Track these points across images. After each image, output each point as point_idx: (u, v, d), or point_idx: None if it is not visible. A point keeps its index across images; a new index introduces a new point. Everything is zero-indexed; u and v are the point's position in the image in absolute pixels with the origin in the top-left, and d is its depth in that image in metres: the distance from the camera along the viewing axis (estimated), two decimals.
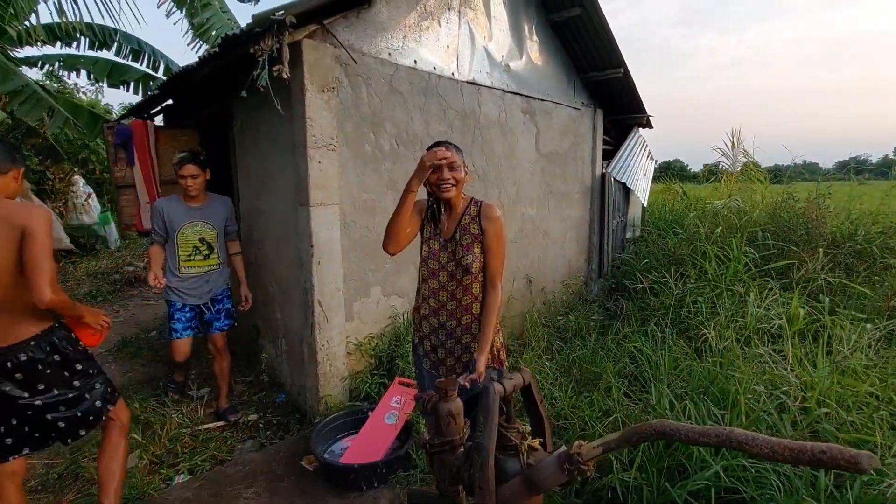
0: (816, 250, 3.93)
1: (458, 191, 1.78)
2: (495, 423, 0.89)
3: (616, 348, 3.31)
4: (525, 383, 0.98)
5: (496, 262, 1.80)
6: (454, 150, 1.74)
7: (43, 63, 5.21)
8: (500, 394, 0.91)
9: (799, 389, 2.16)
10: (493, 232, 1.78)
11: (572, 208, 5.15)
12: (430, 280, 1.86)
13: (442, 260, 1.82)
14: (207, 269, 2.91)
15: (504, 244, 1.82)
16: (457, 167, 1.74)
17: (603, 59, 4.71)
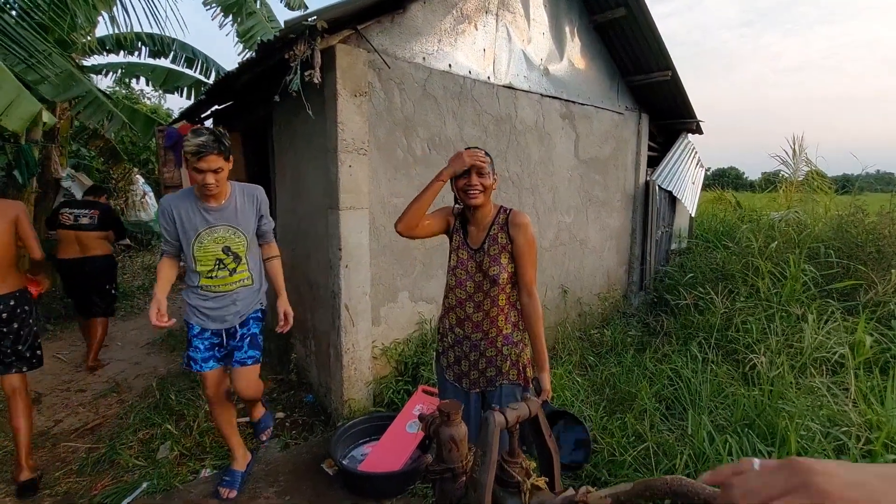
0: (889, 271, 3.53)
1: (486, 198, 1.73)
2: (494, 458, 0.81)
3: (654, 368, 3.11)
4: (532, 414, 0.89)
5: (529, 269, 1.73)
6: (483, 152, 1.72)
7: (107, 71, 5.62)
8: (501, 425, 0.83)
9: (863, 429, 1.92)
10: (523, 239, 1.71)
11: (612, 217, 4.94)
12: (457, 289, 1.81)
13: (470, 270, 1.77)
14: (237, 286, 2.19)
15: (535, 251, 1.75)
16: (486, 174, 1.70)
17: (649, 62, 4.49)
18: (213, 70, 5.95)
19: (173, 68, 5.68)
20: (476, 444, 0.84)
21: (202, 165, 1.91)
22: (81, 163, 7.09)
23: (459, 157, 1.67)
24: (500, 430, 0.82)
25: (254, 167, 4.24)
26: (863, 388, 2.28)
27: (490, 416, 0.82)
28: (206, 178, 1.94)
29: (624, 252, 5.23)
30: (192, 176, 1.94)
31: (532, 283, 1.73)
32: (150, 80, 5.51)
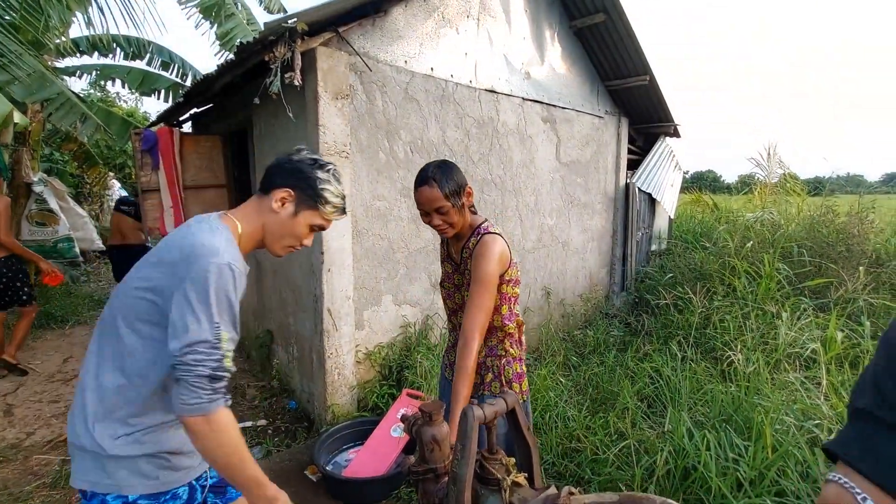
0: (857, 268, 3.66)
1: (457, 229, 1.57)
2: (473, 451, 0.81)
3: (635, 367, 3.15)
4: (509, 407, 0.90)
5: (471, 309, 1.43)
6: (438, 185, 1.46)
7: (81, 73, 5.48)
8: (479, 419, 0.84)
9: (834, 422, 1.98)
10: (476, 275, 1.46)
11: (594, 219, 5.01)
12: (448, 301, 1.80)
13: (456, 282, 1.74)
14: None
15: (486, 289, 1.45)
16: (445, 210, 1.48)
17: (628, 67, 4.58)
18: (189, 74, 5.85)
19: (150, 71, 5.57)
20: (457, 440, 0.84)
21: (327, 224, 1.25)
22: (54, 167, 6.89)
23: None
24: (478, 423, 0.82)
25: (234, 171, 4.18)
26: (834, 383, 2.35)
27: (469, 409, 0.83)
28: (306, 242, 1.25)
29: (605, 253, 5.31)
30: (301, 230, 1.19)
31: (470, 328, 1.42)
32: (126, 82, 5.39)
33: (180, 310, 0.97)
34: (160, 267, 1.04)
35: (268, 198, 1.16)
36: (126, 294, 1.05)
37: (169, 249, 1.05)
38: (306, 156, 1.19)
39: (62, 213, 5.51)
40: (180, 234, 1.07)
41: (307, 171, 1.16)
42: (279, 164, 1.18)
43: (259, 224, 1.16)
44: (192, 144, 3.94)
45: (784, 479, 1.78)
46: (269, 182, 1.17)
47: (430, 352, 3.12)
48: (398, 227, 3.12)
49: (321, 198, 1.17)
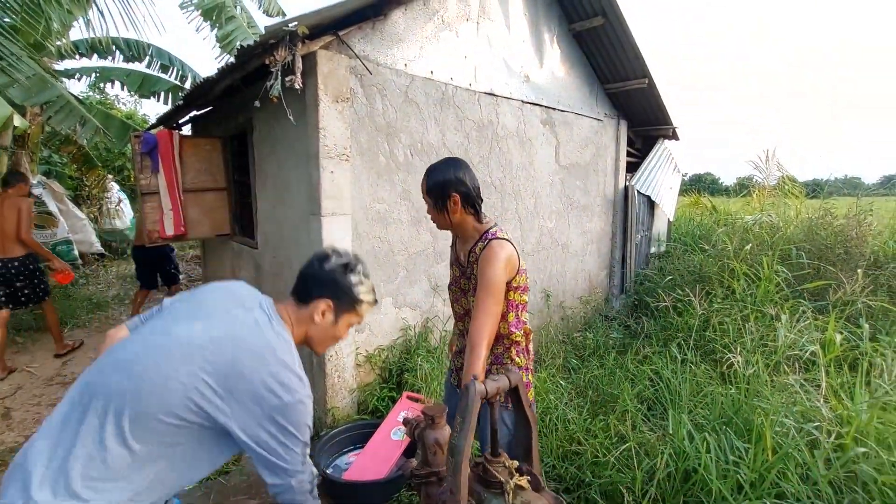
0: (856, 271, 3.67)
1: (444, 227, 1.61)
2: (473, 425, 0.82)
3: (635, 369, 3.16)
4: (512, 385, 0.90)
5: (479, 316, 1.42)
6: (424, 179, 1.57)
7: (81, 75, 5.48)
8: (481, 395, 0.84)
9: (834, 424, 1.98)
10: (482, 281, 1.46)
11: (593, 221, 5.02)
12: (455, 305, 1.80)
13: (462, 286, 1.74)
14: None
15: (492, 295, 1.44)
16: (429, 208, 1.58)
17: (626, 70, 4.60)
18: (189, 76, 5.86)
19: (149, 73, 5.58)
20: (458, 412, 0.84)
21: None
22: (53, 169, 6.88)
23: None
24: (479, 398, 0.83)
25: (234, 174, 4.19)
26: (833, 385, 2.35)
27: (471, 385, 0.83)
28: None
29: (605, 256, 5.32)
30: (341, 332, 1.28)
31: (476, 337, 1.39)
32: (126, 85, 5.39)
33: (274, 447, 1.02)
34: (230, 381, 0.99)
35: (307, 308, 1.20)
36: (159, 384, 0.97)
37: (241, 361, 1.00)
38: (337, 262, 1.23)
39: (61, 215, 5.51)
40: (254, 341, 1.04)
41: (341, 279, 1.21)
42: (314, 276, 1.22)
43: (303, 332, 1.21)
44: (191, 147, 3.94)
45: (784, 482, 1.78)
46: (306, 293, 1.21)
47: (430, 355, 3.12)
48: (398, 230, 3.13)
49: (358, 301, 1.24)
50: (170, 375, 0.97)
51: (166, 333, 1.04)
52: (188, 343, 1.00)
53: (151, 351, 1.01)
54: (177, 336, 1.02)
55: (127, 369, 0.99)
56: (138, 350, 1.02)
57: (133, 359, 1.01)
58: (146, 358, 1.00)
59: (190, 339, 1.00)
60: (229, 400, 0.98)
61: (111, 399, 0.96)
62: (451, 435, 0.83)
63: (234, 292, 1.18)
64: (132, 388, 0.96)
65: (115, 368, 1.00)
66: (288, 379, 1.02)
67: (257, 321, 1.08)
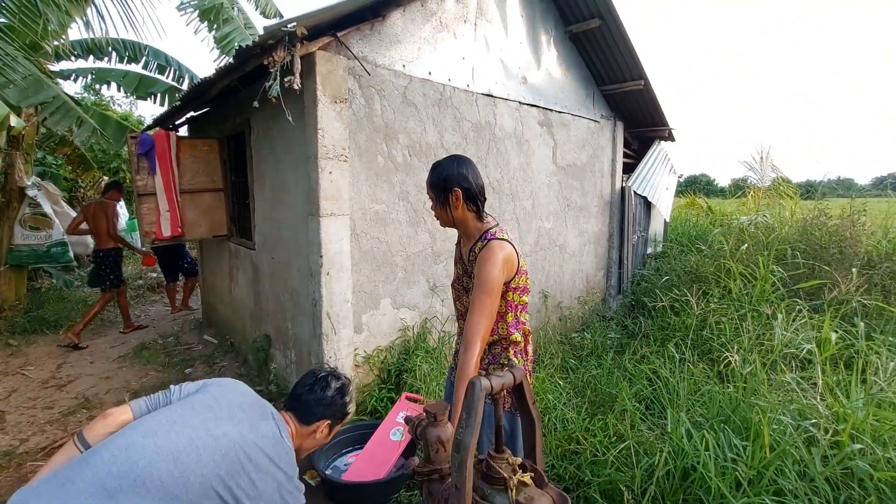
0: (850, 270, 3.71)
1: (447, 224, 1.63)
2: (479, 421, 0.82)
3: (633, 369, 3.17)
4: (516, 381, 0.90)
5: (474, 313, 1.43)
6: (430, 174, 1.59)
7: (77, 76, 5.45)
8: (486, 390, 0.84)
9: (830, 422, 2.00)
10: (478, 279, 1.46)
11: (590, 222, 5.04)
12: (457, 303, 1.81)
13: (465, 284, 1.75)
14: None
15: (488, 294, 1.44)
16: (434, 204, 1.60)
17: (623, 71, 4.63)
18: (185, 77, 5.84)
19: (146, 74, 5.56)
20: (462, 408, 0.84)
21: None
22: (48, 171, 6.83)
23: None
24: (484, 394, 0.83)
25: (231, 175, 4.18)
26: (829, 383, 2.38)
27: (476, 380, 0.84)
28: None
29: (602, 256, 5.34)
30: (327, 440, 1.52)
31: (472, 332, 1.41)
32: (122, 86, 5.37)
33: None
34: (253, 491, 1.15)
35: (309, 427, 1.41)
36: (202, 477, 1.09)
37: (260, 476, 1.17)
38: (335, 387, 1.45)
39: (56, 217, 5.48)
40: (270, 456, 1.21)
41: (339, 402, 1.45)
42: (318, 401, 1.42)
43: (300, 444, 1.40)
44: (188, 148, 3.93)
45: (782, 479, 1.79)
46: (310, 415, 1.41)
47: (428, 355, 3.12)
48: (396, 230, 3.13)
49: (346, 415, 1.51)
50: (211, 472, 1.10)
51: (207, 431, 1.16)
52: (227, 446, 1.15)
53: (197, 446, 1.12)
54: (217, 437, 1.16)
55: (174, 459, 1.08)
56: (183, 441, 1.12)
57: (181, 449, 1.10)
58: (193, 452, 1.11)
59: (229, 443, 1.15)
60: (255, 499, 1.14)
61: (154, 485, 1.04)
62: (455, 431, 0.83)
63: (249, 399, 1.36)
64: (179, 477, 1.06)
65: (161, 456, 1.08)
66: (293, 489, 1.23)
67: (275, 434, 1.26)
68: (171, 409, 1.24)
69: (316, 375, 1.47)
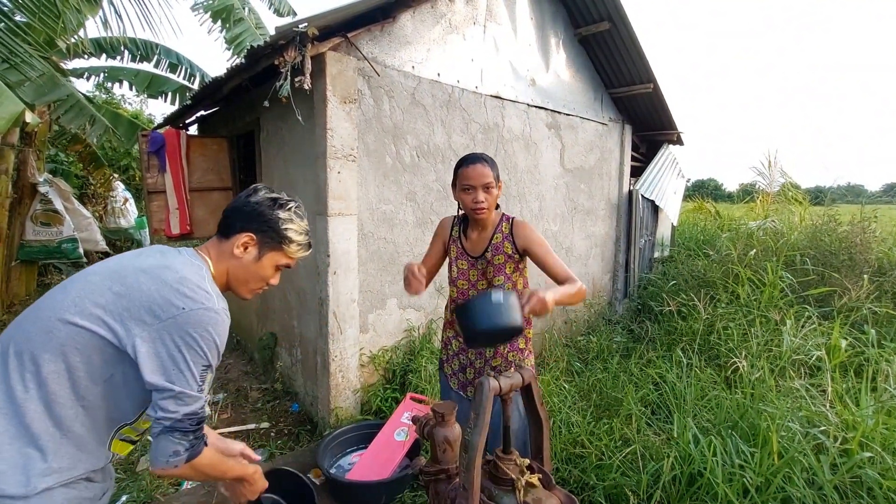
0: (861, 277, 3.67)
1: (491, 211, 1.69)
2: (487, 421, 0.82)
3: (639, 373, 3.15)
4: (525, 382, 0.91)
5: (558, 264, 1.68)
6: (489, 166, 1.63)
7: (89, 74, 5.52)
8: (495, 391, 0.84)
9: (839, 429, 1.98)
10: (536, 243, 1.69)
11: (597, 225, 5.02)
12: (460, 299, 1.81)
13: (472, 278, 1.76)
14: None
15: (548, 245, 1.72)
16: (491, 187, 1.62)
17: (632, 75, 4.61)
18: (197, 76, 5.90)
19: (157, 73, 5.62)
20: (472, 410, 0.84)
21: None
22: (59, 168, 6.92)
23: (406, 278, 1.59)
24: (493, 394, 0.83)
25: (240, 174, 4.21)
26: (839, 390, 2.35)
27: (485, 381, 0.84)
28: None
29: (608, 260, 5.32)
30: (266, 272, 1.22)
31: (569, 274, 1.65)
32: (134, 85, 5.43)
33: (168, 362, 0.92)
34: (125, 300, 0.93)
35: (228, 242, 1.12)
36: (58, 324, 0.92)
37: (139, 281, 0.95)
38: (265, 196, 1.16)
39: (67, 213, 5.54)
40: (156, 265, 0.98)
41: (268, 213, 1.14)
42: (237, 208, 1.14)
43: (224, 269, 1.13)
44: (198, 147, 3.97)
45: (790, 486, 1.77)
46: (228, 226, 1.13)
47: (434, 356, 3.12)
48: (404, 231, 3.14)
49: (285, 238, 1.16)
50: (53, 310, 0.93)
51: (71, 281, 1.00)
52: (84, 277, 0.97)
53: (52, 296, 0.97)
54: (75, 277, 0.99)
55: (33, 316, 0.96)
56: (43, 300, 0.99)
57: (38, 305, 0.97)
58: (48, 300, 0.97)
59: (88, 274, 0.97)
60: (124, 311, 0.92)
61: (23, 345, 0.92)
62: (464, 431, 0.83)
63: (154, 247, 1.12)
64: (36, 330, 0.92)
65: (25, 319, 0.96)
66: (192, 291, 0.96)
67: (163, 252, 1.04)
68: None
69: (248, 188, 1.20)
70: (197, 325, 0.94)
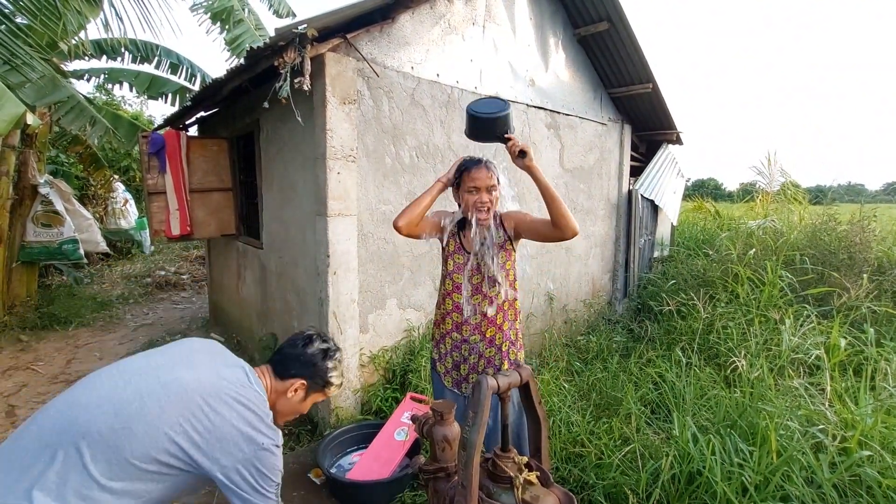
0: (860, 276, 3.67)
1: (493, 211, 1.78)
2: (485, 419, 0.83)
3: (639, 373, 3.16)
4: (523, 381, 0.91)
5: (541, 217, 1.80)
6: (493, 169, 1.73)
7: (90, 76, 5.53)
8: (493, 389, 0.85)
9: (838, 428, 1.98)
10: (521, 215, 1.85)
11: (597, 225, 5.03)
12: (454, 294, 1.84)
13: (467, 272, 1.80)
14: None
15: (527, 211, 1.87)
16: (494, 190, 1.73)
17: (631, 75, 4.62)
18: (197, 77, 5.90)
19: (158, 74, 5.63)
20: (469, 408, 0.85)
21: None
22: (60, 169, 6.93)
23: (461, 176, 1.76)
24: (491, 392, 0.84)
25: (240, 175, 4.22)
26: (838, 389, 2.35)
27: (483, 379, 0.85)
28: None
29: (608, 259, 5.32)
30: (305, 408, 1.42)
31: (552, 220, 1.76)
32: (134, 86, 5.44)
33: (248, 487, 1.12)
34: (218, 431, 1.10)
35: (284, 383, 1.31)
36: (163, 437, 1.05)
37: (229, 416, 1.11)
38: (318, 348, 1.35)
39: (67, 214, 5.54)
40: (240, 400, 1.15)
41: (320, 364, 1.33)
42: (297, 356, 1.33)
43: (273, 400, 1.30)
44: (198, 148, 3.98)
45: (789, 485, 1.78)
46: (286, 369, 1.32)
47: None
48: None
49: (329, 384, 1.36)
50: (159, 421, 1.04)
51: (156, 379, 1.10)
52: (179, 391, 1.08)
53: (141, 394, 1.07)
54: (167, 383, 1.09)
55: (115, 410, 1.04)
56: (129, 391, 1.07)
57: (123, 399, 1.06)
58: (136, 400, 1.05)
59: (181, 388, 1.09)
60: (212, 446, 1.08)
61: (93, 438, 1.00)
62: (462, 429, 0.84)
63: (215, 349, 1.29)
64: (121, 429, 1.02)
65: (101, 408, 1.04)
66: (265, 429, 1.15)
67: (240, 379, 1.19)
68: (122, 362, 1.18)
69: (303, 333, 1.39)
70: (268, 458, 1.14)
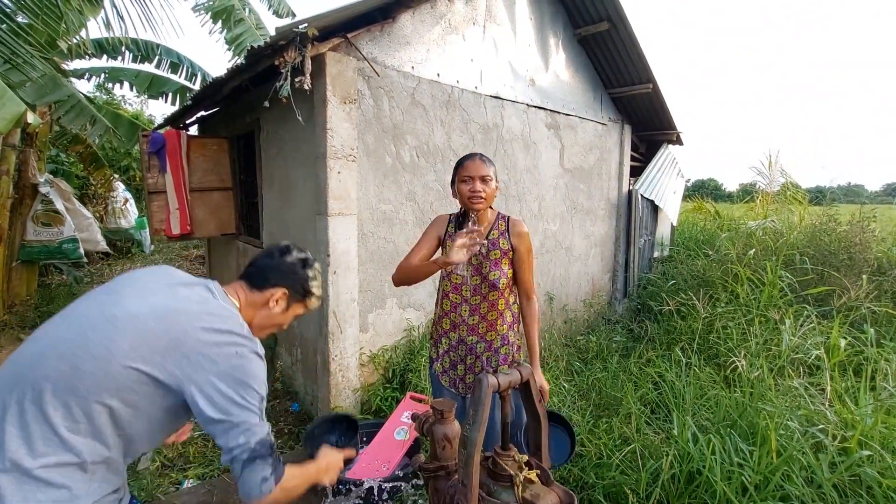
0: (860, 276, 3.67)
1: (488, 204, 1.76)
2: (486, 417, 0.83)
3: (638, 373, 3.16)
4: (523, 380, 0.91)
5: (530, 276, 1.83)
6: (487, 163, 1.74)
7: (90, 75, 5.53)
8: (493, 388, 0.85)
9: (838, 428, 1.99)
10: (525, 248, 1.80)
11: (597, 225, 5.03)
12: (452, 294, 1.83)
13: (467, 273, 1.79)
14: None
15: (533, 258, 1.86)
16: (489, 180, 1.73)
17: (631, 75, 4.62)
18: (198, 76, 5.90)
19: (158, 73, 5.62)
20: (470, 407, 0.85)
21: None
22: (60, 168, 6.92)
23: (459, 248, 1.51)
24: (492, 391, 0.84)
25: (241, 174, 4.22)
26: (838, 389, 2.35)
27: (483, 377, 0.85)
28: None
29: (608, 259, 5.33)
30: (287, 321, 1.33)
31: (531, 288, 1.84)
32: (135, 85, 5.44)
33: (228, 401, 1.00)
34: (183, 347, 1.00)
35: (260, 294, 1.22)
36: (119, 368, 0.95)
37: (193, 329, 1.02)
38: (297, 257, 1.28)
39: (67, 214, 5.54)
40: (203, 312, 1.05)
41: (300, 272, 1.27)
42: (275, 266, 1.25)
43: (250, 314, 1.22)
44: (198, 147, 3.98)
45: (789, 484, 1.78)
46: (263, 280, 1.23)
47: None
48: (403, 230, 3.15)
49: (309, 294, 1.30)
50: (109, 354, 0.95)
51: (100, 313, 1.01)
52: (126, 320, 0.99)
53: (85, 331, 0.98)
54: (112, 316, 1.00)
55: (59, 353, 0.96)
56: (71, 332, 0.99)
57: (65, 340, 0.98)
58: (80, 339, 0.97)
59: (128, 316, 0.99)
60: (179, 364, 0.99)
61: (43, 387, 0.93)
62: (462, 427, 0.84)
63: (172, 273, 1.18)
64: (69, 370, 0.94)
65: (52, 353, 0.97)
66: (237, 337, 1.05)
67: (201, 295, 1.10)
68: (67, 308, 1.08)
69: (278, 245, 1.31)
70: (246, 366, 1.04)
